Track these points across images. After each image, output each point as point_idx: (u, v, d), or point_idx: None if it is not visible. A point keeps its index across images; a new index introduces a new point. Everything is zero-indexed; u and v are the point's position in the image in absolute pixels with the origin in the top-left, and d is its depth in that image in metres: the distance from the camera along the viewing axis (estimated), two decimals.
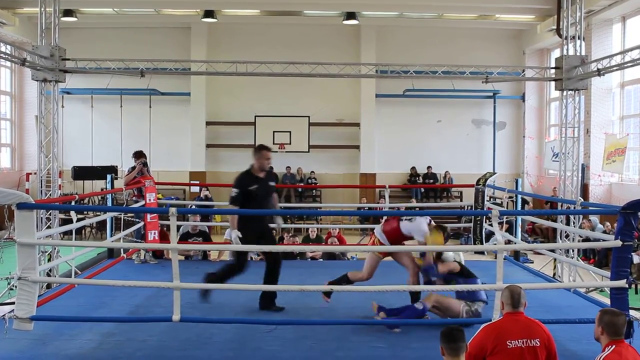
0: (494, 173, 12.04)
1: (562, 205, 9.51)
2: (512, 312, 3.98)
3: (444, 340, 3.57)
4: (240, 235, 6.54)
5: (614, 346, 3.61)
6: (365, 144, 18.63)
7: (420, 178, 18.42)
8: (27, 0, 15.23)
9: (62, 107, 13.88)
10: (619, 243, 5.20)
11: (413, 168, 18.59)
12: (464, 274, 6.28)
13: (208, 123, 18.58)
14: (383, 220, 6.93)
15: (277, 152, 18.19)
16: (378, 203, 15.95)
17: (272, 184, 7.10)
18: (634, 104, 14.79)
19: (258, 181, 6.80)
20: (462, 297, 6.12)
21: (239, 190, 6.71)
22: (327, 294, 6.59)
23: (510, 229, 11.15)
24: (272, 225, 7.57)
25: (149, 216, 9.31)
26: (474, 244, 10.55)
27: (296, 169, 18.55)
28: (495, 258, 5.94)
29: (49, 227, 8.44)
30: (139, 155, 9.84)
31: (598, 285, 7.35)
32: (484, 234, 10.47)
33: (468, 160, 18.75)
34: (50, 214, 8.65)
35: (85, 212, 13.02)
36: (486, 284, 6.16)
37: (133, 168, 9.73)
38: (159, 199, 10.60)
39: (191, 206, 13.14)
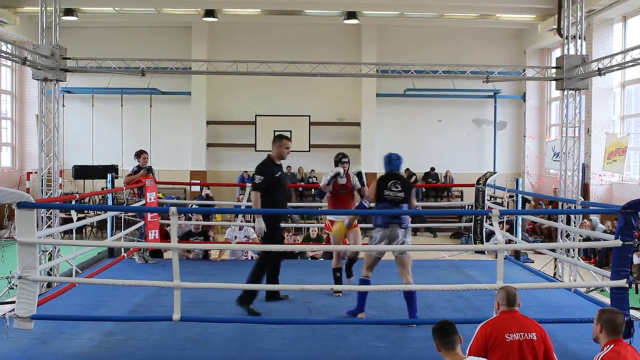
0: (495, 172, 12.04)
1: (562, 205, 9.51)
2: (508, 310, 4.04)
3: (437, 336, 3.59)
4: (265, 229, 6.52)
5: (612, 345, 3.62)
6: (366, 143, 18.63)
7: (415, 178, 18.39)
8: None
9: (63, 106, 13.85)
10: (619, 243, 5.20)
11: (407, 170, 18.54)
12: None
13: (209, 122, 18.59)
14: None
15: None
16: None
17: None
18: (635, 104, 14.78)
19: (280, 169, 6.87)
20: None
21: (264, 177, 6.65)
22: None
23: (511, 229, 11.15)
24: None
25: (149, 215, 9.31)
26: (475, 243, 10.55)
27: (297, 168, 18.56)
28: (496, 258, 5.94)
29: (49, 226, 8.44)
30: (139, 154, 9.83)
31: (598, 284, 7.34)
32: (484, 233, 10.48)
33: (469, 160, 18.77)
34: (50, 213, 8.64)
35: (85, 212, 13.02)
36: (486, 284, 6.16)
37: (138, 167, 9.70)
38: (159, 198, 10.59)
39: (192, 205, 13.14)
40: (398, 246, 6.28)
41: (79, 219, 8.00)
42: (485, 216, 9.78)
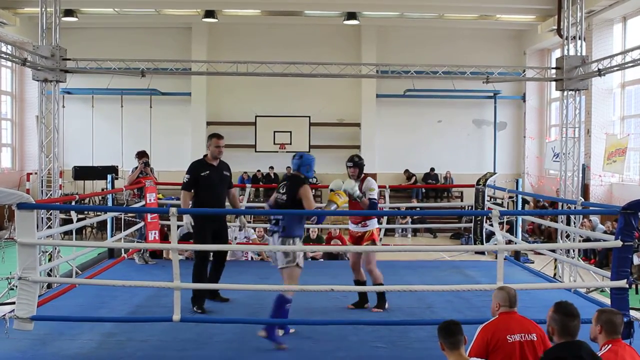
0: (495, 173, 12.04)
1: (562, 205, 9.51)
2: (508, 311, 4.04)
3: (442, 335, 3.60)
4: (193, 223, 6.62)
5: (610, 345, 3.63)
6: (366, 144, 18.65)
7: (415, 179, 18.41)
8: (28, 0, 15.26)
9: (63, 107, 13.87)
10: (619, 243, 5.20)
11: (407, 171, 18.57)
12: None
13: (209, 123, 18.60)
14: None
15: (277, 152, 18.24)
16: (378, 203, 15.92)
17: (227, 174, 7.11)
18: (635, 104, 14.78)
19: (210, 168, 6.86)
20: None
21: (189, 176, 6.79)
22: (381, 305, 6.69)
23: (511, 229, 11.16)
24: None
25: (149, 216, 9.31)
26: (475, 244, 10.54)
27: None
28: (496, 258, 5.94)
29: (49, 227, 8.44)
30: (141, 155, 9.85)
31: (598, 285, 7.35)
32: (484, 234, 10.48)
33: (469, 161, 18.78)
34: (50, 214, 8.64)
35: (85, 212, 13.03)
36: (487, 284, 6.16)
37: (137, 168, 9.74)
38: (159, 199, 10.59)
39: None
40: (403, 246, 6.26)
41: (79, 220, 8.00)
42: (485, 217, 9.78)
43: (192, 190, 6.91)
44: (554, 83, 11.04)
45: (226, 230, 7.25)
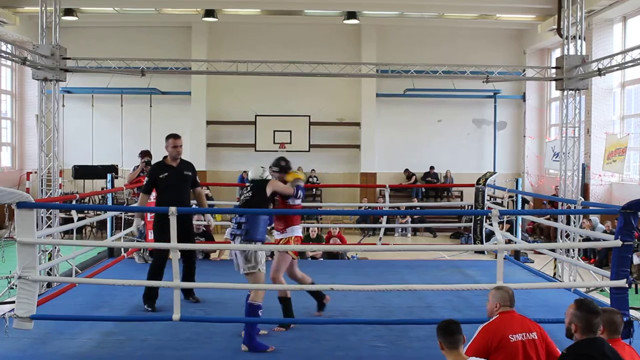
0: (494, 172, 12.04)
1: (562, 205, 9.51)
2: (508, 311, 4.03)
3: (441, 334, 3.60)
4: (140, 227, 6.93)
5: (610, 345, 3.63)
6: (366, 143, 18.65)
7: (415, 178, 18.42)
8: None
9: (63, 106, 13.83)
10: (619, 243, 5.20)
11: (407, 170, 18.58)
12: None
13: (208, 122, 18.60)
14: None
15: (277, 151, 18.23)
16: (377, 202, 15.96)
17: (189, 174, 7.12)
18: (635, 104, 14.78)
19: (169, 169, 6.93)
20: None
21: (147, 179, 7.01)
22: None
23: (511, 229, 11.16)
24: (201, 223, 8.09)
25: (149, 215, 9.31)
26: (474, 243, 10.55)
27: (296, 169, 18.56)
28: (496, 258, 5.94)
29: (49, 226, 8.44)
30: (144, 154, 9.86)
31: (598, 284, 7.36)
32: (484, 233, 10.48)
33: (468, 160, 18.78)
34: (50, 213, 8.64)
35: (85, 211, 13.02)
36: (486, 284, 6.16)
37: (138, 167, 9.74)
38: None
39: (192, 205, 13.11)
40: (403, 246, 6.25)
41: (78, 219, 8.00)
42: (485, 216, 9.79)
43: (154, 193, 7.08)
44: (554, 83, 11.04)
45: (191, 229, 7.32)
